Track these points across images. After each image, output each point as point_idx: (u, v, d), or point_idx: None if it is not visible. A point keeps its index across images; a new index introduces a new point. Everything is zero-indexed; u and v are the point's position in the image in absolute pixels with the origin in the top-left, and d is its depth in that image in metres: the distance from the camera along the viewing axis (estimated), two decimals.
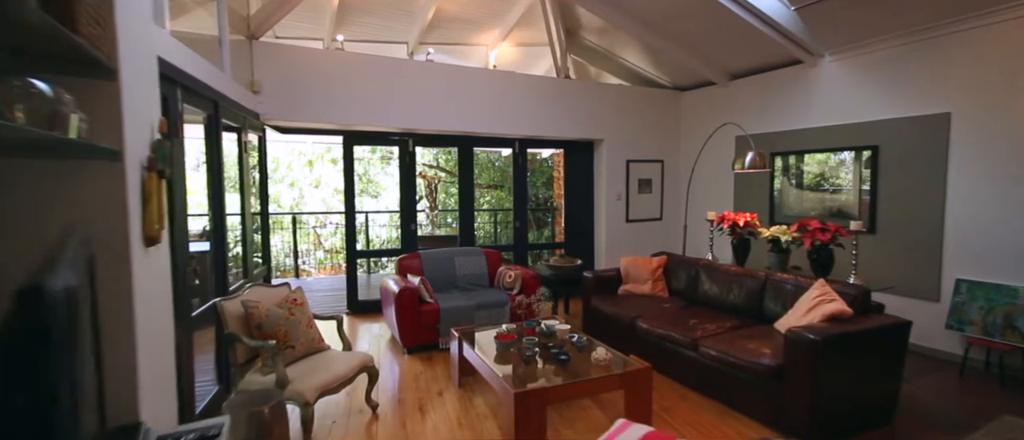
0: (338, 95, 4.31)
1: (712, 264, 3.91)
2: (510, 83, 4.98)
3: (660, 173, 5.89)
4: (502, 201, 10.69)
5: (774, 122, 4.79)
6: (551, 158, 8.48)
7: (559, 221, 7.86)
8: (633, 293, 4.22)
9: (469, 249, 4.77)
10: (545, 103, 5.14)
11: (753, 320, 3.42)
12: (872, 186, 4.05)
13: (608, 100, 5.51)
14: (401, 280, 4.10)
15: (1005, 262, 3.31)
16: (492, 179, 10.35)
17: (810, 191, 4.53)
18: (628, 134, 5.64)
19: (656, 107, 5.80)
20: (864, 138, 4.10)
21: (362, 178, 10.07)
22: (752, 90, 5.06)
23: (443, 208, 9.76)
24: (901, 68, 3.83)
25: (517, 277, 4.37)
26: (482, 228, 8.95)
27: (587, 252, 5.76)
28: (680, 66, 5.26)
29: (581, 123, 5.35)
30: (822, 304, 2.80)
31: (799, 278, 3.22)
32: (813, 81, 4.49)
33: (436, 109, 4.65)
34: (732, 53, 4.76)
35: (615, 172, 5.60)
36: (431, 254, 4.56)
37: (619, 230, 5.67)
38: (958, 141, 3.52)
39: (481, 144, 5.39)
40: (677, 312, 3.69)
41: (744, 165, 3.96)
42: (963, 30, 3.44)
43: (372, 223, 9.48)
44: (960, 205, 3.53)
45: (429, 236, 6.68)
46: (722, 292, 3.68)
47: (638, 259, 4.33)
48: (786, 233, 3.68)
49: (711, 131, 5.40)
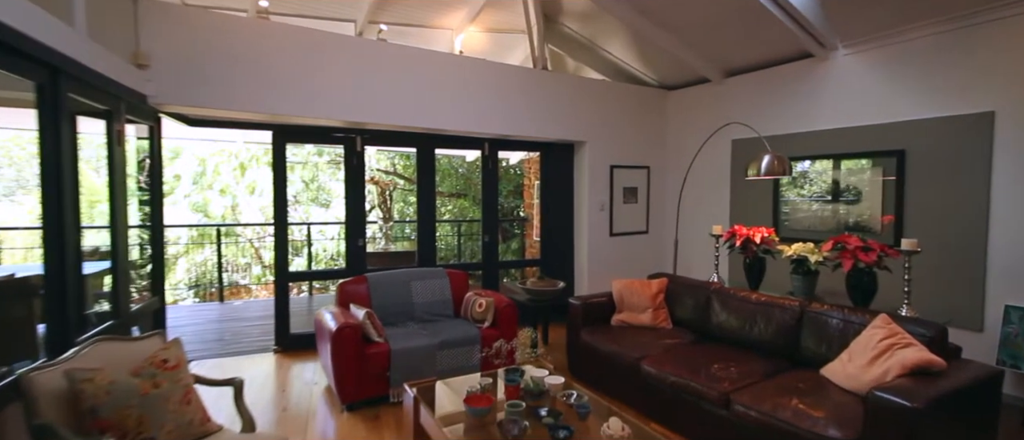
0: (265, 78, 3.38)
1: (726, 290, 3.24)
2: (480, 73, 4.20)
3: (646, 181, 5.26)
4: (466, 211, 9.87)
5: (777, 123, 4.24)
6: (521, 164, 7.75)
7: (530, 233, 7.12)
8: (630, 324, 3.50)
9: (429, 270, 3.91)
10: (520, 98, 4.39)
11: (787, 363, 2.76)
12: (898, 197, 3.53)
13: (591, 97, 4.83)
14: (341, 313, 3.20)
15: None
16: (455, 187, 9.51)
17: (823, 202, 3.99)
18: (612, 136, 4.97)
19: (642, 107, 5.18)
20: (887, 141, 3.58)
21: (309, 185, 8.98)
22: (751, 88, 4.52)
23: (400, 219, 8.81)
24: (932, 61, 3.34)
25: (489, 306, 3.56)
26: (443, 240, 8.08)
27: (566, 270, 5.02)
28: (671, 61, 4.66)
29: (561, 122, 4.63)
30: (895, 349, 2.15)
31: (847, 311, 2.59)
32: (823, 77, 3.97)
33: (390, 100, 3.80)
34: (733, 45, 4.19)
35: (598, 179, 4.91)
36: (382, 278, 3.67)
37: (602, 245, 4.97)
38: (1005, 144, 3.04)
39: (445, 144, 4.57)
40: (689, 351, 2.99)
41: (760, 171, 3.34)
42: (1010, 16, 2.97)
43: (321, 236, 8.43)
44: (1008, 219, 3.04)
45: (382, 252, 5.76)
46: (742, 325, 3.01)
47: (634, 282, 3.62)
48: (815, 252, 3.06)
49: (703, 133, 4.81)
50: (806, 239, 3.84)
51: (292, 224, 8.18)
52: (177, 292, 8.25)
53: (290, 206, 8.90)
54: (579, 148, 4.93)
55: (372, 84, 3.73)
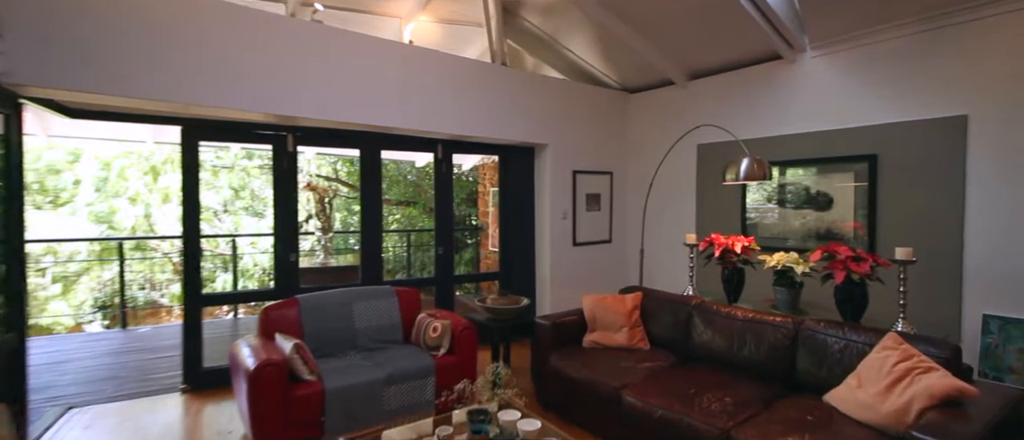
0: (168, 59, 2.76)
1: (709, 305, 2.96)
2: (433, 66, 3.75)
3: (609, 187, 4.99)
4: (415, 220, 9.29)
5: (744, 128, 4.08)
6: (474, 170, 7.32)
7: (485, 244, 6.69)
8: (604, 345, 3.14)
9: (375, 289, 3.39)
10: (477, 96, 3.98)
11: (781, 387, 2.49)
12: (870, 202, 3.42)
13: (554, 97, 4.50)
14: (263, 346, 2.62)
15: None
16: (404, 194, 8.92)
17: (793, 209, 3.84)
18: (575, 139, 4.66)
19: (604, 109, 4.91)
20: (858, 146, 3.48)
21: (239, 192, 8.08)
22: (717, 91, 4.35)
23: (342, 230, 8.10)
24: (903, 64, 3.26)
25: (444, 330, 3.09)
26: (391, 252, 7.47)
27: (526, 283, 4.63)
28: (634, 61, 4.42)
29: (522, 123, 4.25)
30: (916, 375, 1.91)
31: (847, 329, 2.35)
32: (791, 80, 3.85)
33: (328, 93, 3.26)
34: (699, 45, 3.99)
35: (560, 185, 4.57)
36: (317, 300, 3.11)
37: (565, 256, 4.62)
38: (979, 148, 2.97)
39: (393, 145, 4.06)
40: (672, 376, 2.66)
41: (739, 175, 3.11)
42: (983, 18, 2.91)
43: (253, 249, 7.57)
44: (983, 226, 2.96)
45: (319, 268, 5.11)
46: (729, 345, 2.72)
47: (607, 298, 3.28)
48: (801, 262, 2.85)
49: (667, 137, 4.61)
50: (775, 248, 3.69)
51: (207, 237, 7.27)
52: (81, 315, 7.13)
53: (216, 217, 7.97)
54: (540, 152, 4.57)
55: (306, 73, 3.18)
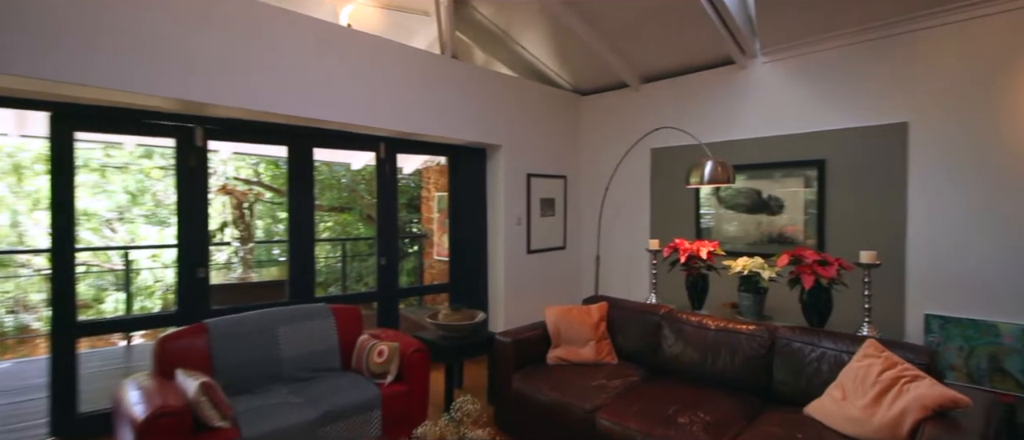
0: (27, 18, 2.14)
1: (679, 315, 2.80)
2: (376, 54, 3.33)
3: (563, 192, 4.80)
4: (349, 228, 8.62)
5: (698, 132, 4.04)
6: (416, 174, 6.87)
7: (429, 253, 6.26)
8: (570, 361, 2.89)
9: (307, 309, 2.90)
10: (426, 90, 3.61)
11: (758, 400, 2.36)
12: (819, 207, 3.47)
13: (508, 95, 4.23)
14: (159, 387, 2.08)
15: (979, 294, 2.87)
16: (337, 199, 8.24)
17: (746, 213, 3.84)
18: (529, 141, 4.42)
19: (557, 111, 4.73)
20: (807, 151, 3.53)
21: (137, 197, 7.01)
22: (670, 94, 4.31)
23: (265, 239, 7.29)
24: (849, 71, 3.34)
25: (392, 353, 2.68)
26: (324, 263, 6.81)
27: (478, 294, 4.29)
28: (589, 61, 4.27)
29: (474, 122, 3.94)
30: (904, 384, 1.82)
31: (822, 336, 2.27)
32: (744, 85, 3.87)
33: (249, 76, 2.75)
34: (654, 47, 3.91)
35: (515, 189, 4.30)
36: (232, 325, 2.58)
37: (520, 264, 4.35)
38: (918, 154, 3.08)
39: (328, 143, 3.58)
40: (646, 393, 2.46)
41: (704, 178, 3.01)
42: (923, 29, 3.03)
43: (154, 262, 6.56)
44: (923, 228, 3.07)
45: (237, 284, 4.43)
46: (703, 357, 2.57)
47: (572, 310, 3.04)
48: (767, 268, 2.77)
49: (621, 141, 4.52)
50: (733, 253, 3.66)
51: (85, 249, 6.18)
52: None
53: (108, 226, 6.85)
54: (493, 153, 4.27)
55: (220, 50, 2.65)
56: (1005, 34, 2.76)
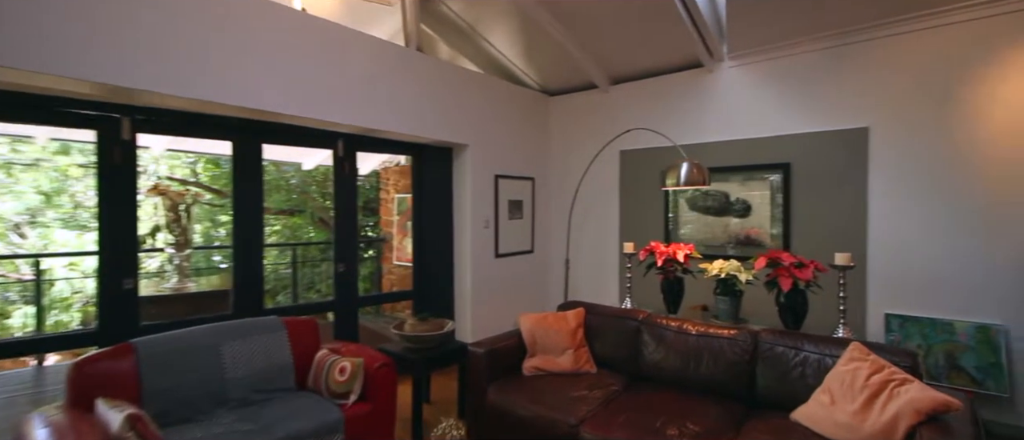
0: None
1: (658, 320, 2.72)
2: (335, 41, 3.06)
3: (531, 194, 4.67)
4: (299, 232, 8.12)
5: (667, 134, 4.04)
6: (374, 175, 6.53)
7: (388, 257, 5.96)
8: (547, 371, 2.74)
9: (255, 322, 2.59)
10: (389, 83, 3.37)
11: (742, 406, 2.31)
12: (785, 210, 3.53)
13: (476, 93, 4.05)
14: (73, 421, 1.74)
15: (936, 293, 2.99)
16: (286, 202, 7.73)
17: (714, 216, 3.86)
18: (497, 141, 4.25)
19: (525, 111, 4.60)
20: (773, 155, 3.58)
21: (50, 198, 6.24)
22: (638, 97, 4.28)
23: (205, 244, 6.71)
24: (813, 77, 3.42)
25: (356, 370, 2.43)
26: (272, 270, 6.34)
27: (444, 302, 4.08)
28: (558, 61, 4.17)
29: (441, 119, 3.73)
30: (894, 388, 1.80)
31: (804, 340, 2.24)
32: (711, 89, 3.89)
33: (186, 59, 2.42)
34: (626, 48, 3.86)
35: (482, 190, 4.13)
36: (166, 344, 2.24)
37: (488, 269, 4.17)
38: (878, 158, 3.18)
39: (280, 138, 3.25)
40: (630, 403, 2.35)
41: (680, 180, 2.96)
42: (883, 37, 3.14)
43: (75, 274, 5.85)
44: (883, 230, 3.17)
45: (172, 295, 3.96)
46: (684, 364, 2.50)
47: (548, 317, 2.90)
48: (744, 270, 2.75)
49: (590, 142, 4.46)
50: (707, 255, 3.66)
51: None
52: None
53: (17, 231, 6.06)
54: (460, 153, 4.07)
55: (150, 29, 2.31)
56: (958, 44, 2.89)
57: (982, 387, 2.74)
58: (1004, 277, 2.77)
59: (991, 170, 2.82)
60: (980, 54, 2.83)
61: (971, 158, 2.87)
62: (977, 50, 2.83)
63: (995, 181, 2.80)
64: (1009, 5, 2.72)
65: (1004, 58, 2.76)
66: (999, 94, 2.78)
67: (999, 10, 2.75)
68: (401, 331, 3.02)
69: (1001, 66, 2.77)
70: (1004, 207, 2.78)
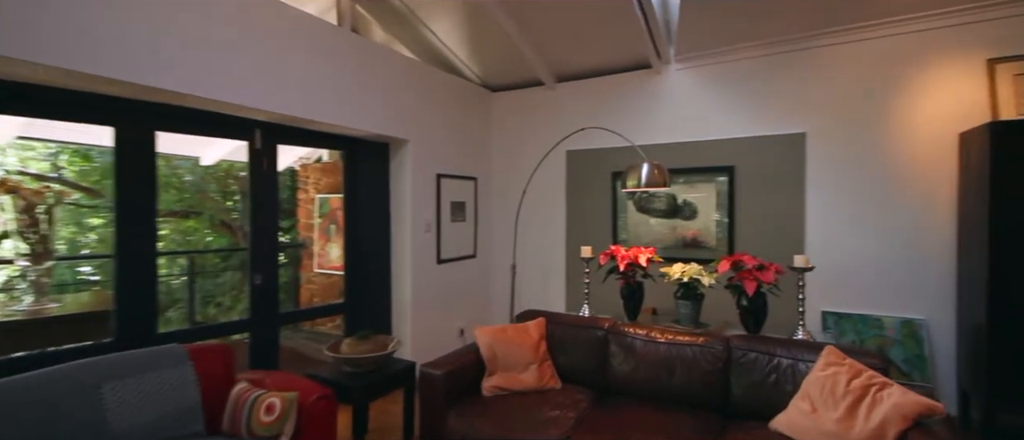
0: None
1: (624, 329, 2.59)
2: (254, 11, 2.55)
3: (474, 194, 4.39)
4: (193, 238, 7.08)
5: (610, 137, 3.98)
6: (290, 173, 5.83)
7: (307, 266, 5.34)
8: (509, 390, 2.50)
9: (148, 354, 2.05)
10: (319, 66, 2.91)
11: (718, 416, 2.24)
12: (729, 212, 3.62)
13: (415, 83, 3.69)
14: None
15: (867, 290, 3.20)
16: (178, 202, 6.67)
17: (663, 218, 3.87)
18: (439, 137, 3.93)
19: (468, 106, 4.31)
20: (718, 157, 3.66)
21: None
22: (585, 96, 4.20)
23: (70, 254, 5.54)
24: (755, 83, 3.53)
25: (289, 406, 2.00)
26: (166, 284, 5.39)
27: (381, 315, 3.66)
28: (503, 54, 3.95)
29: (378, 110, 3.33)
30: (876, 392, 1.80)
31: (773, 345, 2.22)
32: (658, 90, 3.90)
33: (47, 16, 1.83)
34: (575, 45, 3.74)
35: (424, 191, 3.77)
36: (16, 391, 1.66)
37: (429, 276, 3.83)
38: (814, 163, 3.35)
39: (179, 124, 2.66)
40: (603, 420, 2.19)
41: (641, 181, 2.87)
42: (820, 47, 3.31)
43: None
44: (819, 232, 3.35)
45: (28, 320, 3.09)
46: (656, 374, 2.39)
47: (507, 329, 2.65)
48: (706, 274, 2.72)
49: (535, 142, 4.30)
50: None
51: None
52: None
53: None
54: (399, 149, 3.69)
55: None
56: (886, 55, 3.11)
57: (909, 379, 2.96)
58: (925, 274, 3.03)
59: (913, 175, 3.06)
60: (905, 66, 3.06)
61: (896, 163, 3.11)
62: (903, 62, 3.07)
63: (916, 185, 3.05)
64: (930, 22, 2.97)
65: (926, 71, 3.01)
66: (920, 104, 3.03)
67: (923, 26, 3.00)
68: (337, 353, 2.59)
69: (923, 78, 3.02)
70: (924, 209, 3.03)
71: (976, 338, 2.64)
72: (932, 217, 3.02)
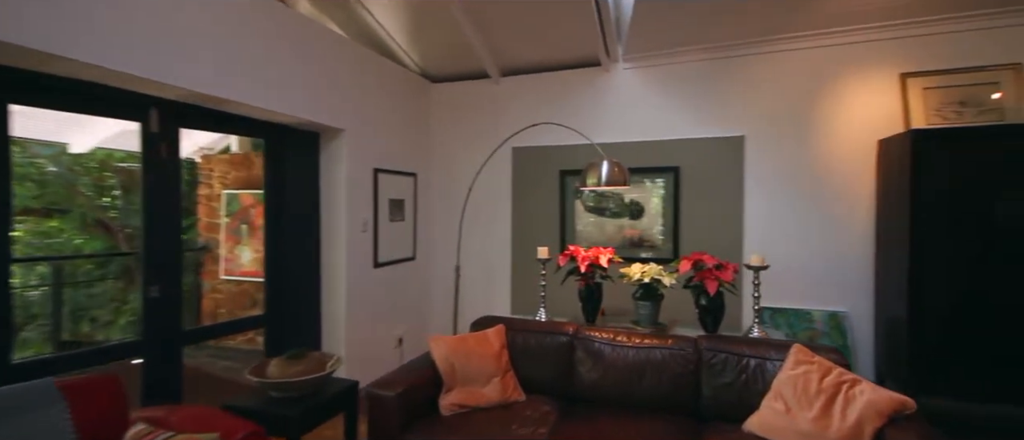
0: None
1: (590, 334, 2.47)
2: None
3: (413, 192, 4.06)
4: (55, 241, 5.92)
5: (560, 133, 3.89)
6: (188, 165, 5.03)
7: (212, 271, 4.65)
8: (470, 406, 2.26)
9: (6, 395, 1.53)
10: (238, 37, 2.45)
11: (692, 421, 2.19)
12: (674, 212, 3.68)
13: (350, 68, 3.30)
14: None
15: (798, 286, 3.39)
16: (37, 199, 5.50)
17: (611, 218, 3.84)
18: (376, 128, 3.56)
19: (407, 96, 3.98)
20: (664, 158, 3.70)
21: None
22: (531, 91, 4.06)
23: None
24: (699, 86, 3.62)
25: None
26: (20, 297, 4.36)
27: (309, 327, 3.23)
28: (447, 41, 3.69)
29: (308, 94, 2.91)
30: (848, 390, 1.83)
31: (737, 344, 2.22)
32: (606, 89, 3.87)
33: None
34: (524, 37, 3.58)
35: (360, 187, 3.39)
36: None
37: (365, 282, 3.45)
38: (752, 165, 3.50)
39: (43, 98, 2.06)
40: (573, 432, 2.05)
41: (601, 180, 2.78)
42: (758, 54, 3.45)
43: None
44: (756, 229, 3.50)
45: None
46: (625, 381, 2.29)
47: (466, 339, 2.41)
48: (667, 274, 2.69)
49: (478, 137, 4.10)
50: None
51: None
52: None
53: None
54: (331, 139, 3.27)
55: None
56: (815, 65, 3.32)
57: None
58: (847, 270, 3.27)
59: (837, 178, 3.29)
60: (831, 76, 3.28)
61: (823, 167, 3.32)
62: (829, 73, 3.28)
63: (840, 187, 3.29)
64: (852, 37, 3.21)
65: (848, 82, 3.25)
66: (843, 112, 3.27)
67: (845, 40, 3.23)
68: (263, 377, 2.18)
69: (846, 89, 3.26)
70: (847, 209, 3.27)
71: (895, 328, 2.88)
72: (853, 216, 3.27)
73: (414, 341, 4.05)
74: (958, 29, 3.01)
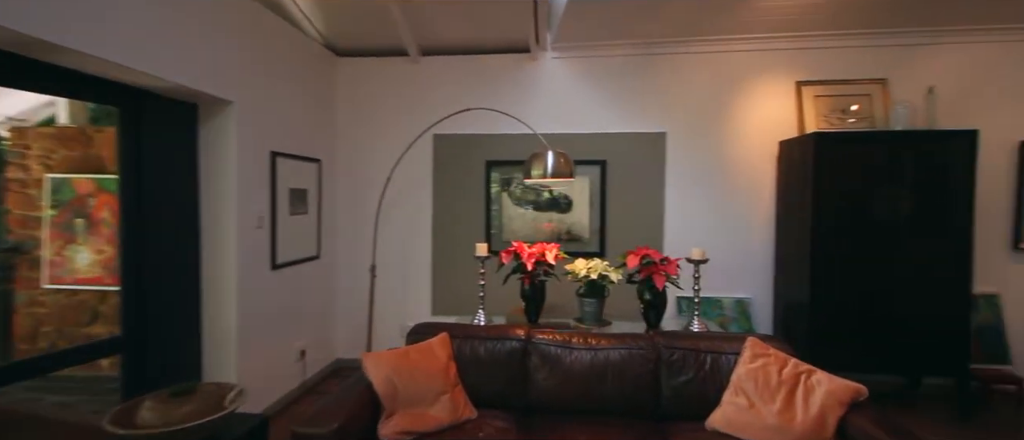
0: None
1: (544, 337, 2.28)
2: None
3: (317, 181, 3.50)
4: None
5: (485, 121, 3.65)
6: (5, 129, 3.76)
7: (30, 280, 3.54)
8: (418, 432, 1.94)
9: None
10: None
11: (652, 421, 2.13)
12: (602, 206, 3.67)
13: (240, 28, 2.66)
14: None
15: (710, 275, 3.58)
16: None
17: (539, 211, 3.71)
18: (272, 103, 2.96)
19: (309, 69, 3.39)
20: (592, 151, 3.67)
21: None
22: (454, 73, 3.74)
23: None
24: (624, 81, 3.64)
25: None
26: None
27: (184, 346, 2.56)
28: (359, 9, 3.20)
29: (184, 54, 2.26)
30: (805, 380, 1.90)
31: (693, 340, 2.22)
32: (534, 77, 3.71)
33: None
34: (449, 13, 3.25)
35: (254, 173, 2.78)
36: None
37: (261, 287, 2.86)
38: (673, 159, 3.62)
39: None
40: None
41: (547, 172, 2.62)
42: (680, 54, 3.56)
43: None
44: (675, 221, 3.63)
45: None
46: (585, 387, 2.15)
47: (409, 352, 2.07)
48: (612, 270, 2.62)
49: (390, 120, 3.70)
50: None
51: None
52: None
53: None
54: (217, 113, 2.62)
55: None
56: (727, 68, 3.52)
57: None
58: (751, 259, 3.55)
59: (744, 175, 3.55)
60: (740, 80, 3.52)
61: (731, 164, 3.56)
62: (738, 77, 3.52)
63: (746, 183, 3.55)
64: (757, 45, 3.47)
65: (755, 86, 3.51)
66: (750, 114, 3.53)
67: (751, 47, 3.48)
68: (133, 427, 1.61)
69: (753, 92, 3.52)
70: (751, 204, 3.55)
71: (795, 311, 3.19)
72: (756, 210, 3.56)
73: (318, 352, 3.52)
74: (841, 45, 3.42)
